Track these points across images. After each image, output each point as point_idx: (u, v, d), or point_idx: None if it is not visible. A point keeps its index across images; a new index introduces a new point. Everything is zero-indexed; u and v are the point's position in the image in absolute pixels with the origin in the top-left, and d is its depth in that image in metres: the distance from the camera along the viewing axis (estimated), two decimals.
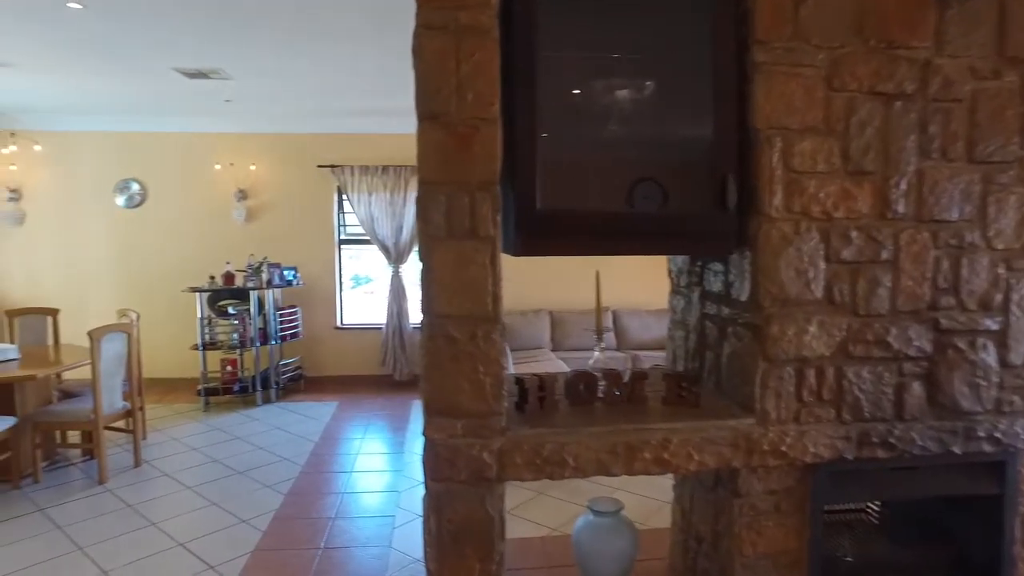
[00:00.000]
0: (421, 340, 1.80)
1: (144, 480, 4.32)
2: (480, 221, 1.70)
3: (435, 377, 1.79)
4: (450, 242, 1.71)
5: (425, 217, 1.72)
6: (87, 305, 6.65)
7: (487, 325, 1.74)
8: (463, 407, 1.81)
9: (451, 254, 1.71)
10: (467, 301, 1.73)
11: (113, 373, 4.40)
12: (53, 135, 6.54)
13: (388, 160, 6.73)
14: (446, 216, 1.71)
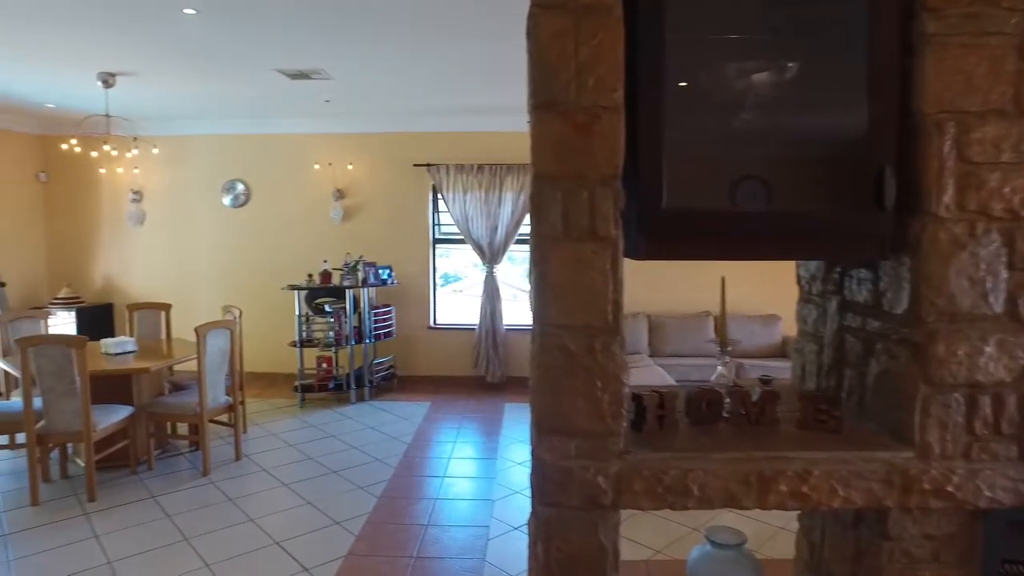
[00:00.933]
0: (532, 352, 1.64)
1: (244, 474, 4.42)
2: (600, 220, 1.53)
3: (547, 392, 1.63)
4: (566, 244, 1.54)
5: (539, 216, 1.56)
6: (195, 300, 6.97)
7: (606, 336, 1.57)
8: (578, 426, 1.63)
9: (567, 257, 1.55)
10: (584, 309, 1.56)
11: (217, 368, 4.53)
12: (168, 139, 6.89)
13: (483, 159, 6.67)
14: (563, 215, 1.54)
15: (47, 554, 3.37)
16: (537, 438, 1.70)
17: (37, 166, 7.08)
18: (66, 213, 7.21)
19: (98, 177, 6.92)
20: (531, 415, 1.71)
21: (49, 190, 7.19)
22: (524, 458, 4.76)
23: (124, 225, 7.15)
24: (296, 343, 6.19)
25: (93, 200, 7.18)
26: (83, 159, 6.50)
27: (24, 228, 6.94)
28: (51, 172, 7.15)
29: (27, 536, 3.58)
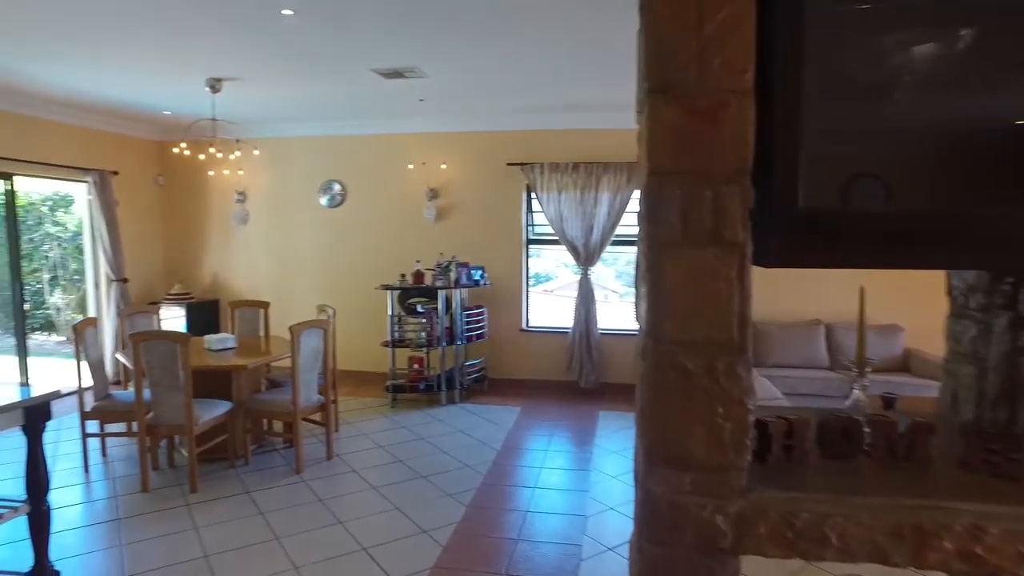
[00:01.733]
0: (642, 370, 1.43)
1: (335, 474, 4.43)
2: (726, 222, 1.30)
3: (659, 416, 1.42)
4: (686, 249, 1.32)
5: (653, 216, 1.35)
6: (293, 298, 7.17)
7: (730, 356, 1.34)
8: (694, 457, 1.41)
9: (687, 264, 1.33)
10: (706, 324, 1.34)
11: (310, 367, 4.56)
12: (269, 141, 7.11)
13: (579, 157, 6.47)
14: (681, 216, 1.32)
15: (153, 542, 3.47)
16: (645, 467, 1.48)
17: (156, 170, 7.51)
18: (180, 214, 7.61)
19: (207, 179, 7.25)
20: (638, 440, 1.50)
21: (166, 192, 7.61)
22: (619, 471, 4.52)
23: (230, 225, 7.46)
24: (388, 343, 6.21)
25: (203, 201, 7.53)
26: (194, 162, 6.82)
27: (144, 228, 7.37)
28: (167, 175, 7.57)
29: (137, 522, 3.71)
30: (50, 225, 9.61)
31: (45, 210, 9.56)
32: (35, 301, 9.95)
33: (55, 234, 9.58)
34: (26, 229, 9.74)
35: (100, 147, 6.71)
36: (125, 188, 6.96)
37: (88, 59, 4.55)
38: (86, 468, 4.52)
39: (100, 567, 3.24)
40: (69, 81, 5.19)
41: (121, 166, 6.90)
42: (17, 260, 6.20)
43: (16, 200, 9.43)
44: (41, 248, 9.72)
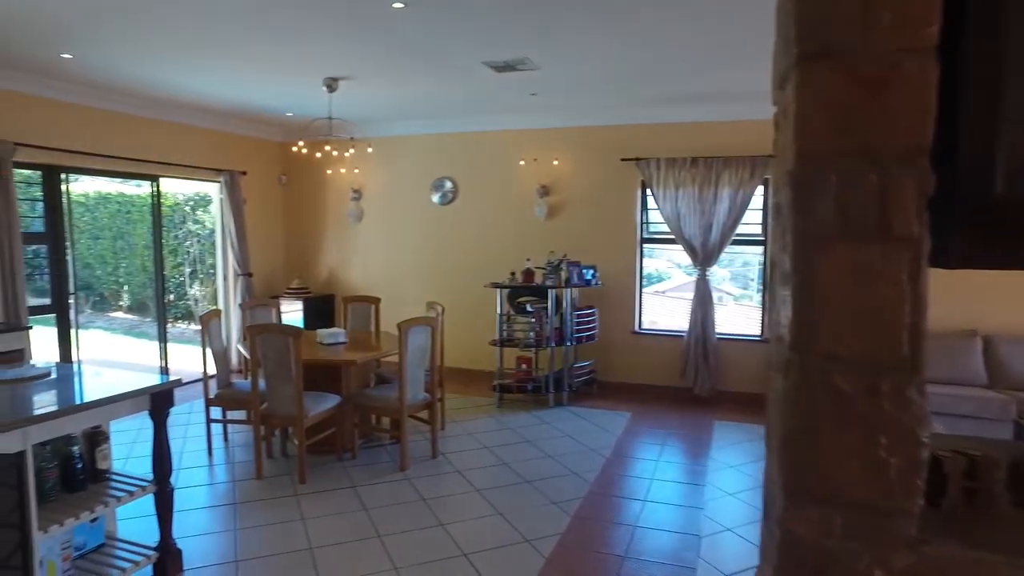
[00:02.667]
0: (784, 389, 1.17)
1: (438, 474, 4.37)
2: (897, 212, 1.01)
3: (804, 444, 1.15)
4: (843, 245, 1.05)
5: (802, 206, 1.09)
6: (404, 295, 7.25)
7: (899, 375, 1.05)
8: (847, 495, 1.13)
9: (844, 263, 1.06)
10: (868, 336, 1.06)
11: (417, 364, 4.53)
12: (383, 140, 7.23)
13: (697, 151, 6.09)
14: (838, 205, 1.05)
15: (263, 529, 3.54)
16: (785, 502, 1.21)
17: (280, 170, 7.87)
18: (300, 211, 7.94)
19: (325, 178, 7.50)
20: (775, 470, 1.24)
21: (288, 191, 7.96)
22: (737, 488, 4.15)
23: (345, 222, 7.67)
24: (496, 342, 6.12)
25: (321, 199, 7.80)
26: (313, 162, 7.07)
27: (269, 226, 7.74)
28: (290, 175, 7.91)
29: (250, 508, 3.82)
30: (191, 223, 10.40)
31: (188, 209, 10.35)
32: (178, 293, 10.81)
33: (195, 231, 10.36)
34: (172, 227, 10.61)
35: (231, 149, 7.10)
36: (252, 187, 7.34)
37: (220, 66, 4.77)
38: (209, 451, 4.74)
39: (216, 549, 3.34)
40: (205, 87, 5.49)
41: (249, 167, 7.27)
42: (160, 255, 6.66)
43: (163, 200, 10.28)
44: (184, 244, 10.54)
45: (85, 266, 10.94)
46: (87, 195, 10.55)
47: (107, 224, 10.38)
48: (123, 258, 10.54)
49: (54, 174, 5.53)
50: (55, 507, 2.77)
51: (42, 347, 5.59)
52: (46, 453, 2.85)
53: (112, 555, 3.03)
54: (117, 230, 10.38)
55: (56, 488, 2.86)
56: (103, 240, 10.53)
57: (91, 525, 3.06)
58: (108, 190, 10.15)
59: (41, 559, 2.77)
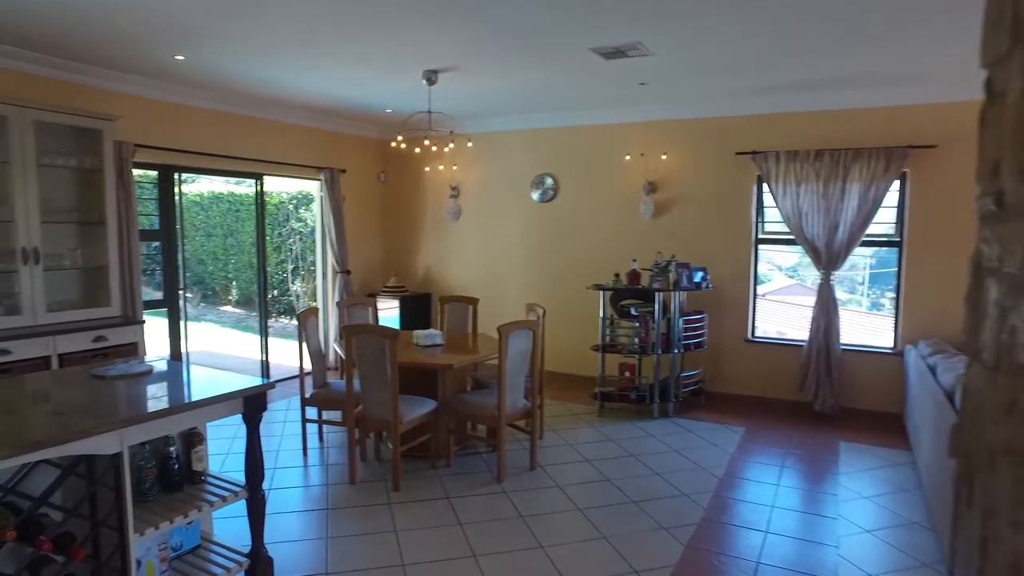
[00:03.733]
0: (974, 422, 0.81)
1: (537, 488, 4.10)
2: None
3: None
4: None
5: None
6: (502, 295, 7.05)
7: None
8: None
9: None
10: None
11: (518, 371, 4.28)
12: (483, 136, 7.05)
13: (823, 143, 5.51)
14: None
15: (355, 540, 3.40)
16: None
17: (379, 167, 7.87)
18: (398, 209, 7.90)
19: (424, 175, 7.41)
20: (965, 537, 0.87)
21: (387, 188, 7.95)
22: (874, 524, 3.63)
23: (443, 219, 7.56)
24: (599, 347, 5.79)
25: (419, 197, 7.73)
26: (412, 159, 6.99)
27: (367, 223, 7.75)
28: (388, 172, 7.89)
29: (343, 515, 3.69)
30: (295, 221, 10.68)
31: (291, 207, 10.64)
32: (281, 289, 11.15)
33: (298, 229, 10.63)
34: (276, 225, 10.95)
35: (332, 147, 7.14)
36: (352, 185, 7.35)
37: (321, 63, 4.70)
38: (304, 452, 4.69)
39: (307, 558, 3.22)
40: (307, 85, 5.48)
41: (349, 164, 7.29)
42: (263, 252, 6.78)
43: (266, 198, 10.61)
44: (287, 242, 10.85)
45: (199, 262, 11.49)
46: (202, 195, 11.07)
47: (219, 222, 10.85)
48: (232, 255, 10.97)
49: (168, 173, 5.69)
50: (153, 508, 2.70)
51: (154, 340, 5.78)
52: (145, 453, 2.80)
53: (207, 558, 2.95)
54: (227, 228, 10.82)
55: (154, 489, 2.80)
56: (215, 237, 11.01)
57: (187, 527, 3.00)
58: (221, 190, 10.60)
59: (140, 559, 2.72)
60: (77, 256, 4.82)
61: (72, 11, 3.67)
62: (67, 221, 4.74)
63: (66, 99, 4.75)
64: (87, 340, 4.55)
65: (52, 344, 4.38)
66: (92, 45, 4.35)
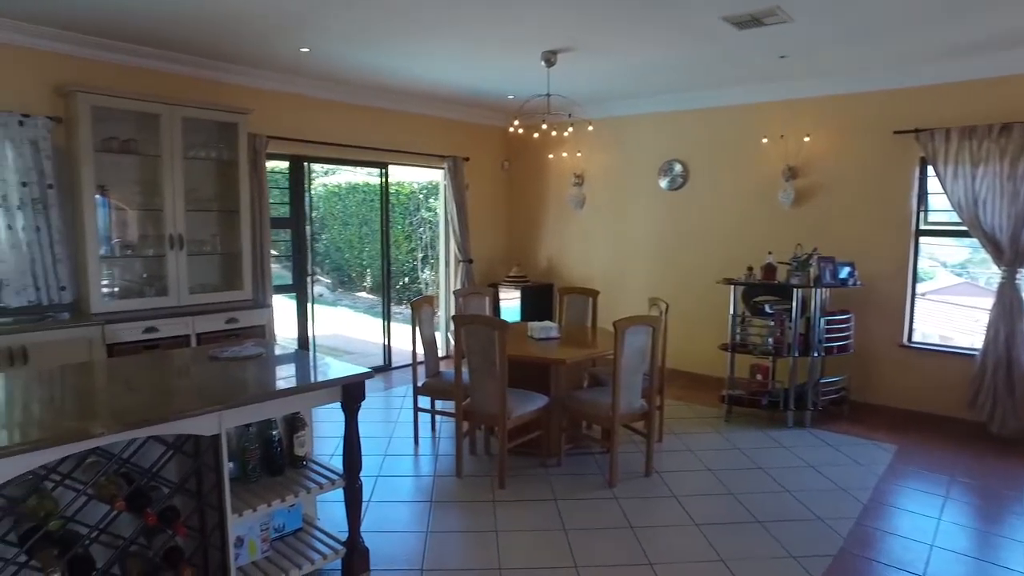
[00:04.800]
0: None
1: (651, 496, 3.79)
2: None
3: None
4: None
5: None
6: (625, 288, 6.73)
7: None
8: None
9: None
10: None
11: (634, 369, 3.99)
12: (608, 121, 6.73)
13: (1007, 115, 4.67)
14: None
15: (454, 537, 3.30)
16: None
17: (502, 155, 7.78)
18: (521, 197, 7.78)
19: (547, 163, 7.23)
20: None
21: (510, 177, 7.85)
22: None
23: (566, 208, 7.33)
24: (728, 346, 5.33)
25: (542, 185, 7.55)
26: (535, 146, 6.83)
27: (490, 212, 7.70)
28: (511, 160, 7.79)
29: (445, 509, 3.61)
30: (424, 211, 10.92)
31: (421, 197, 10.88)
32: (411, 277, 11.47)
33: (427, 219, 10.85)
34: (408, 214, 11.27)
35: (455, 135, 7.14)
36: (475, 173, 7.33)
37: (442, 48, 4.65)
38: (416, 441, 4.69)
39: (405, 551, 3.15)
40: (429, 73, 5.47)
41: (472, 152, 7.27)
42: (387, 239, 6.92)
43: (397, 188, 10.92)
44: (417, 231, 11.12)
45: (336, 249, 12.09)
46: (340, 186, 11.62)
47: (355, 211, 11.34)
48: (367, 243, 11.42)
49: (298, 164, 5.92)
50: (255, 489, 2.74)
51: (284, 322, 6.07)
52: (250, 435, 2.85)
53: (307, 542, 2.96)
54: (362, 217, 11.27)
55: (257, 470, 2.84)
56: (351, 226, 11.53)
57: (289, 509, 3.03)
58: (358, 180, 11.06)
59: (242, 537, 2.77)
60: (216, 242, 5.12)
61: (199, 9, 3.84)
62: (207, 209, 5.05)
63: (207, 96, 5.04)
64: (221, 321, 4.82)
65: (192, 324, 4.68)
66: (225, 43, 4.57)
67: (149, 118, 4.51)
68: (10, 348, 3.82)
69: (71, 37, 4.35)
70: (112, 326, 4.24)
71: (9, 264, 4.16)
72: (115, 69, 4.64)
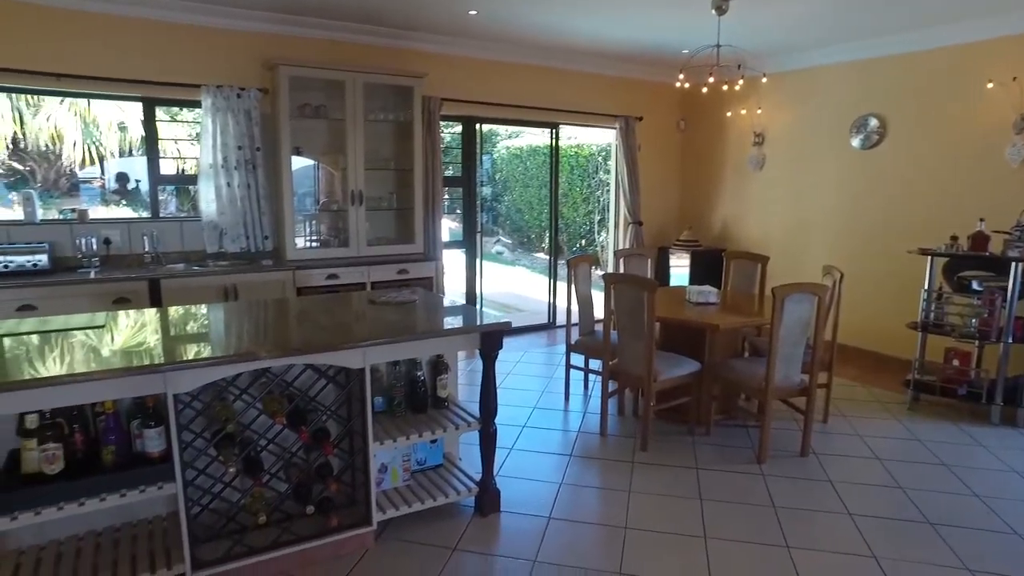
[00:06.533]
0: None
1: (803, 478, 3.51)
2: None
3: None
4: None
5: None
6: (804, 255, 6.19)
7: None
8: None
9: None
10: None
11: (794, 341, 3.68)
12: (791, 74, 6.14)
13: None
14: None
15: (586, 491, 3.34)
16: None
17: (678, 114, 7.43)
18: (696, 158, 7.39)
19: (725, 121, 6.77)
20: None
21: (686, 136, 7.49)
22: None
23: (744, 169, 6.85)
24: (918, 325, 4.70)
25: (720, 144, 7.10)
26: (713, 105, 6.45)
27: (663, 173, 7.44)
28: (687, 119, 7.41)
29: (582, 464, 3.66)
30: (603, 173, 10.82)
31: (600, 159, 10.79)
32: (588, 239, 11.49)
33: (605, 180, 10.76)
34: (587, 176, 11.25)
35: (628, 94, 6.94)
36: (648, 133, 7.10)
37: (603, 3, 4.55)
38: (566, 396, 4.77)
39: (535, 498, 3.25)
40: (599, 30, 5.36)
41: (646, 112, 7.03)
42: (555, 199, 6.99)
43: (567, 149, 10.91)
44: (595, 193, 11.08)
45: (517, 211, 12.46)
46: (521, 148, 11.89)
47: (535, 174, 11.56)
48: (545, 205, 11.62)
49: (471, 125, 6.16)
50: (398, 423, 2.99)
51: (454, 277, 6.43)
52: (398, 373, 3.10)
53: (444, 478, 3.18)
54: (542, 179, 11.46)
55: (402, 406, 3.09)
56: (531, 188, 11.78)
57: (431, 445, 3.27)
58: (537, 143, 11.24)
59: (386, 464, 3.05)
60: (392, 199, 5.54)
61: None
62: (384, 168, 5.47)
63: (386, 62, 5.41)
64: (393, 272, 5.23)
65: (367, 273, 5.14)
66: (402, 11, 4.84)
67: (336, 85, 4.96)
68: (225, 286, 4.50)
69: (277, 18, 4.91)
70: (302, 271, 4.81)
71: (228, 217, 4.86)
72: (309, 43, 5.15)
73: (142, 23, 4.58)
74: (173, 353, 2.38)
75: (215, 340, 2.69)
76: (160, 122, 4.93)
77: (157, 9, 4.58)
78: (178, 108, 5.40)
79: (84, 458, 2.33)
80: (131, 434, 2.40)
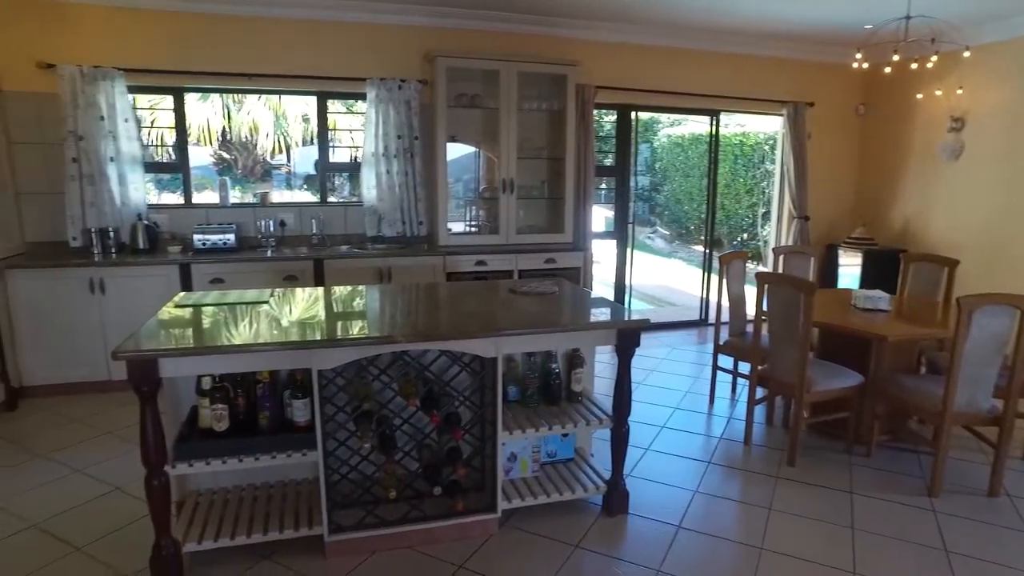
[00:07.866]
0: None
1: (987, 522, 3.03)
2: None
3: None
4: None
5: None
6: (1004, 260, 5.34)
7: None
8: None
9: None
10: None
11: (985, 360, 3.19)
12: (1001, 46, 5.27)
13: None
14: None
15: (720, 503, 3.16)
16: None
17: (857, 98, 6.72)
18: (878, 146, 6.65)
19: (914, 104, 6.00)
20: None
21: (865, 123, 6.76)
22: None
23: (936, 159, 6.03)
24: None
25: (906, 131, 6.32)
26: (900, 87, 5.77)
27: (837, 163, 6.78)
28: (869, 103, 6.67)
29: (721, 473, 3.48)
30: (769, 163, 10.12)
31: (767, 149, 10.10)
32: (751, 232, 10.82)
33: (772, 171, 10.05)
34: (751, 166, 10.60)
35: (797, 77, 6.39)
36: (821, 120, 6.50)
37: None
38: (711, 400, 4.54)
39: (665, 504, 3.12)
40: (766, 8, 4.98)
41: (818, 96, 6.44)
42: (713, 190, 6.66)
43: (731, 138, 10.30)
44: (760, 184, 10.40)
45: (676, 201, 12.04)
46: (683, 137, 11.45)
47: (696, 163, 11.08)
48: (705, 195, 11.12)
49: (626, 113, 6.01)
50: (528, 414, 3.00)
51: (604, 268, 6.34)
52: (533, 364, 3.11)
53: (573, 473, 3.15)
54: (703, 169, 10.97)
55: (535, 397, 3.10)
56: (692, 178, 11.32)
57: (563, 439, 3.25)
58: (700, 132, 10.75)
59: (516, 454, 3.08)
60: (543, 188, 5.56)
61: None
62: (537, 157, 5.49)
63: (540, 50, 5.41)
64: (540, 260, 5.27)
65: (515, 261, 5.21)
66: None
67: (490, 74, 5.05)
68: (380, 268, 4.78)
69: (436, 11, 5.10)
70: (452, 257, 4.99)
71: (386, 203, 5.16)
72: (465, 34, 5.29)
73: (318, 24, 4.97)
74: (320, 332, 2.55)
75: (360, 321, 2.85)
76: (336, 114, 5.33)
77: (327, 10, 4.93)
78: (353, 100, 5.81)
79: (244, 420, 2.60)
80: (283, 403, 2.63)
